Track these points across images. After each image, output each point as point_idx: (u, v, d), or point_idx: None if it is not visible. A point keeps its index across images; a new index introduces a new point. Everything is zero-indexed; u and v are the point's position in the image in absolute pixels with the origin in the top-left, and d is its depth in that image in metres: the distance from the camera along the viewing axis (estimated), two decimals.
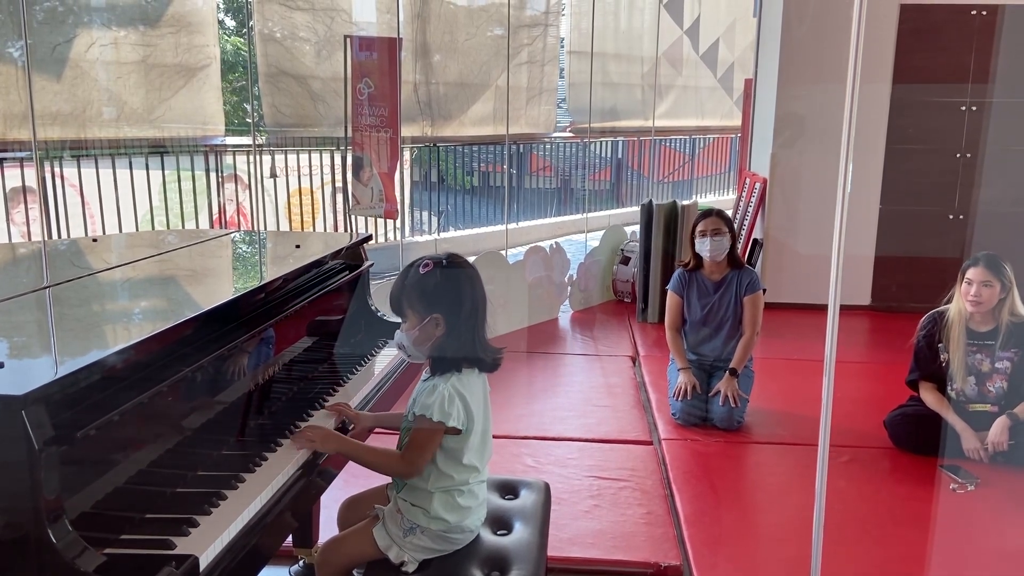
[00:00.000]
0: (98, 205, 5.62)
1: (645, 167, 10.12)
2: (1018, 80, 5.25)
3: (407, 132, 6.66)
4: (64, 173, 5.46)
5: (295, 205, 7.06)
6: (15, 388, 1.16)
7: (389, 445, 1.93)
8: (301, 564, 2.45)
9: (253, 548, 1.44)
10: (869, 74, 5.17)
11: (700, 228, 3.64)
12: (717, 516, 2.84)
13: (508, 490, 2.15)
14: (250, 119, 6.79)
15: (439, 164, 8.28)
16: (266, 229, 6.46)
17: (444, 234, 8.09)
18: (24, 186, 5.27)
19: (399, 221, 6.58)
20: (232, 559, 1.38)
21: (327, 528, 2.35)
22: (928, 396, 3.31)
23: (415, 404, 1.83)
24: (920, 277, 5.43)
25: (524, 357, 4.68)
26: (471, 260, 1.91)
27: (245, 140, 6.67)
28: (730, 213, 3.92)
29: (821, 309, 2.18)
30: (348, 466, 1.97)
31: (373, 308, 2.55)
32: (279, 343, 1.96)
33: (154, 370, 1.45)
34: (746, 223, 5.79)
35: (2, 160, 5.12)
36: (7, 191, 5.23)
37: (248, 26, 6.96)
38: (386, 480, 1.99)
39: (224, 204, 6.51)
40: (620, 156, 10.36)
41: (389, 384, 2.24)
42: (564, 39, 8.70)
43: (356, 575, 1.94)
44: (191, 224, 6.30)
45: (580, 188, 9.65)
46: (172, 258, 2.29)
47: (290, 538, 2.46)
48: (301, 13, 6.20)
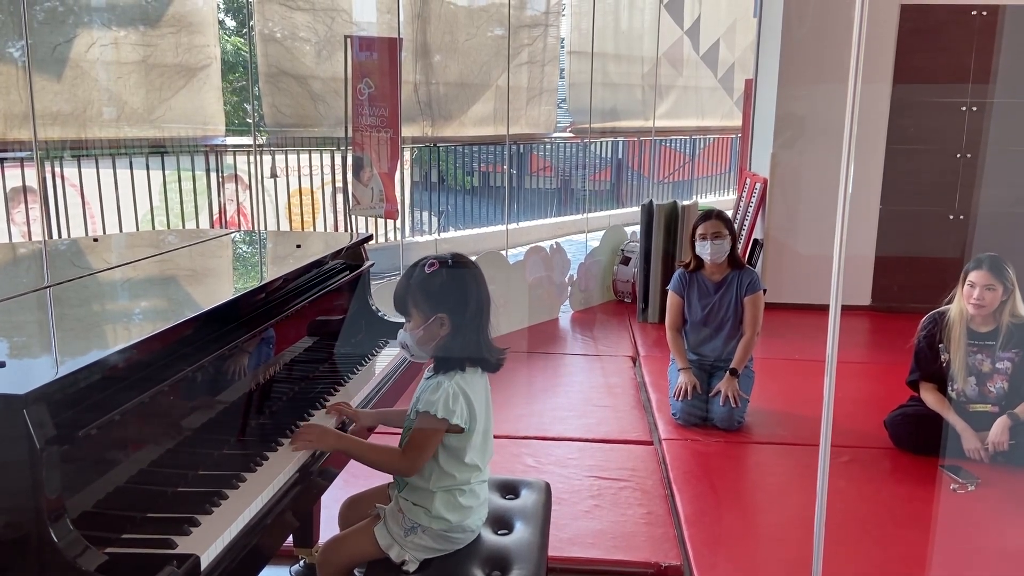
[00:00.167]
0: (98, 205, 5.62)
1: (645, 167, 10.13)
2: (1019, 80, 5.25)
3: (407, 132, 6.66)
4: (64, 173, 5.46)
5: (295, 205, 7.06)
6: (17, 387, 1.16)
7: (390, 444, 1.93)
8: (302, 564, 2.45)
9: (254, 547, 1.44)
10: (869, 74, 5.17)
11: (700, 231, 3.64)
12: (717, 516, 2.84)
13: (509, 490, 2.15)
14: (250, 119, 6.79)
15: (439, 164, 8.28)
16: (266, 229, 6.46)
17: (444, 234, 8.09)
18: (24, 186, 5.27)
19: (399, 221, 6.57)
20: (233, 558, 1.38)
21: (328, 527, 2.35)
22: (928, 396, 3.31)
23: (418, 401, 1.82)
24: (920, 277, 5.43)
25: (524, 357, 4.68)
26: (474, 261, 1.90)
27: (245, 140, 6.67)
28: (730, 213, 3.92)
29: (821, 309, 2.18)
30: (349, 466, 1.97)
31: (374, 308, 2.56)
32: (280, 343, 1.95)
33: (155, 370, 1.45)
34: (746, 223, 5.79)
35: (3, 160, 5.12)
36: (7, 191, 5.24)
37: (248, 26, 6.96)
38: (387, 480, 1.99)
39: (224, 204, 6.51)
40: (620, 156, 10.36)
41: (390, 384, 2.25)
42: (564, 39, 8.70)
43: (357, 574, 1.94)
44: (191, 224, 6.30)
45: (580, 188, 9.65)
46: (172, 258, 2.30)
47: (291, 538, 2.46)
48: (301, 13, 6.20)
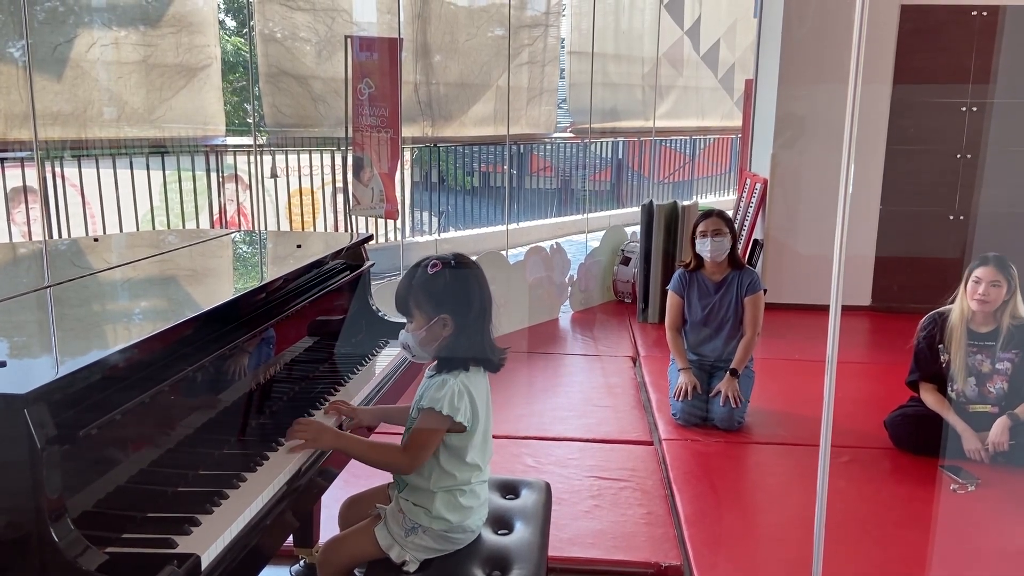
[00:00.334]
0: (99, 205, 5.62)
1: (645, 168, 10.13)
2: (1019, 81, 5.25)
3: (407, 132, 6.66)
4: (65, 173, 5.46)
5: (295, 205, 7.06)
6: (17, 387, 1.16)
7: (389, 442, 1.93)
8: (302, 563, 2.46)
9: (254, 547, 1.44)
10: (870, 74, 5.17)
11: (701, 229, 3.64)
12: (717, 516, 2.84)
13: (509, 490, 2.15)
14: (251, 119, 6.80)
15: (439, 164, 8.28)
16: (266, 229, 6.46)
17: (445, 234, 8.09)
18: (25, 186, 5.27)
19: (399, 221, 6.57)
20: (233, 558, 1.38)
21: (328, 527, 2.35)
22: (928, 397, 3.31)
23: (422, 399, 1.82)
24: (920, 278, 5.43)
25: (525, 357, 4.68)
26: (475, 261, 1.90)
27: (246, 140, 6.68)
28: (730, 214, 3.92)
29: (821, 310, 2.18)
30: (349, 466, 1.96)
31: (374, 308, 2.56)
32: (280, 343, 1.96)
33: (155, 370, 1.45)
34: (746, 224, 5.79)
35: (3, 160, 5.12)
36: (8, 191, 5.24)
37: (249, 26, 6.96)
38: (387, 480, 1.99)
39: (225, 204, 6.51)
40: (620, 157, 10.36)
41: (390, 384, 2.25)
42: (564, 39, 8.70)
43: (357, 574, 1.94)
44: (191, 224, 6.30)
45: (580, 189, 9.65)
46: (173, 258, 2.30)
47: (291, 537, 2.46)
48: (302, 13, 6.20)
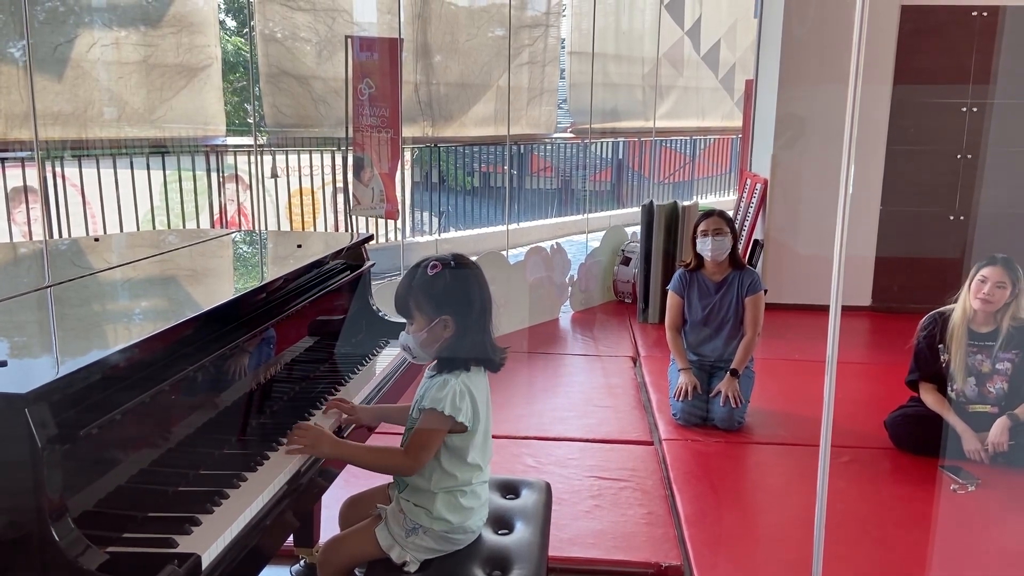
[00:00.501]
0: (99, 205, 5.63)
1: (646, 168, 10.13)
2: (1019, 81, 5.25)
3: (408, 132, 6.66)
4: (65, 173, 5.46)
5: (296, 205, 7.06)
6: (18, 387, 1.16)
7: (391, 444, 1.93)
8: (302, 563, 2.46)
9: (255, 547, 1.44)
10: (870, 75, 5.16)
11: (701, 228, 3.65)
12: (718, 516, 2.84)
13: (509, 490, 2.15)
14: (251, 119, 6.80)
15: (440, 164, 8.29)
16: (267, 229, 6.46)
17: (445, 235, 8.09)
18: (25, 186, 5.28)
19: (400, 221, 6.57)
20: (234, 558, 1.38)
21: (328, 527, 2.35)
22: (928, 397, 3.31)
23: (423, 399, 1.81)
24: (921, 278, 5.43)
25: (525, 357, 4.68)
26: (474, 261, 1.90)
27: (246, 140, 6.68)
28: (731, 214, 3.92)
29: (821, 310, 2.18)
30: (349, 466, 1.96)
31: (374, 308, 2.56)
32: (280, 343, 1.96)
33: (156, 369, 1.46)
34: (747, 224, 5.79)
35: (4, 160, 5.12)
36: (8, 191, 5.24)
37: (249, 26, 6.96)
38: (388, 480, 1.99)
39: (225, 204, 6.52)
40: (621, 157, 10.37)
41: (390, 384, 2.25)
42: (565, 40, 8.70)
43: (358, 574, 1.94)
44: (192, 224, 6.30)
45: (581, 189, 9.65)
46: (173, 258, 2.30)
47: (291, 537, 2.46)
48: (302, 13, 6.20)
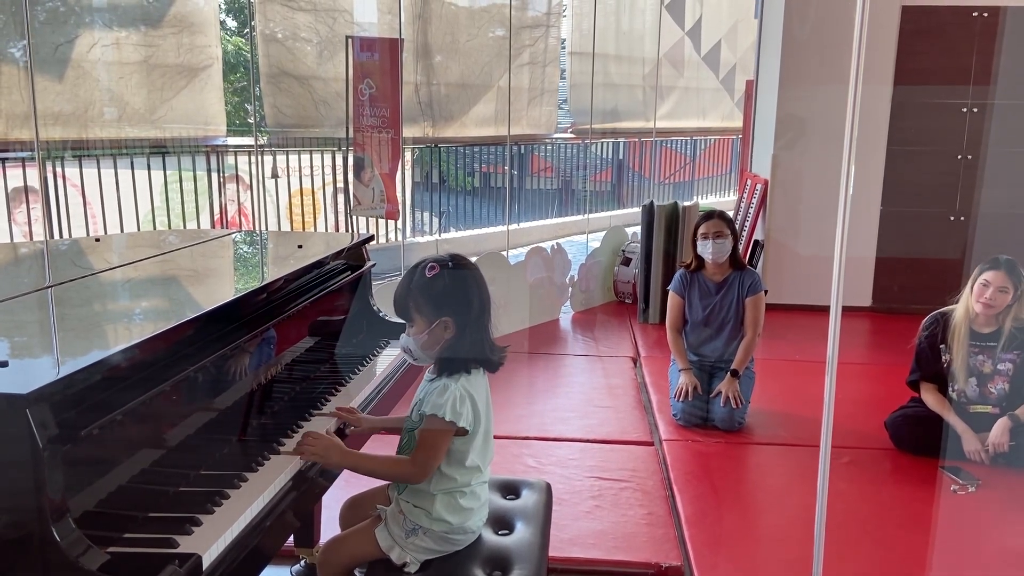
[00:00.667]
0: (100, 205, 5.63)
1: (646, 168, 10.13)
2: (1020, 82, 5.25)
3: (408, 133, 6.66)
4: (66, 173, 5.46)
5: (296, 206, 7.07)
6: (19, 387, 1.16)
7: (390, 447, 1.93)
8: (302, 564, 2.46)
9: (255, 547, 1.44)
10: (870, 75, 5.16)
11: (702, 231, 3.64)
12: (718, 517, 2.84)
13: (510, 490, 2.15)
14: (251, 119, 6.80)
15: (440, 165, 8.29)
16: (267, 229, 6.46)
17: (445, 235, 8.09)
18: (26, 186, 5.28)
19: (400, 222, 6.57)
20: (234, 558, 1.38)
21: (329, 528, 2.35)
22: (929, 397, 3.31)
23: (423, 404, 1.80)
24: (921, 278, 5.44)
25: (525, 358, 4.68)
26: (472, 261, 1.90)
27: (246, 140, 6.68)
28: (731, 214, 3.92)
29: (822, 310, 2.18)
30: None
31: (375, 308, 2.55)
32: (281, 343, 1.96)
33: (157, 370, 1.46)
34: (747, 224, 5.79)
35: (4, 160, 5.13)
36: (9, 191, 5.24)
37: (250, 27, 6.96)
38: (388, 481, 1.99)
39: (225, 204, 6.52)
40: (621, 157, 10.37)
41: (391, 385, 2.25)
42: (565, 40, 8.70)
43: (358, 575, 1.94)
44: (192, 224, 6.30)
45: (581, 189, 9.65)
46: (174, 258, 2.30)
47: (291, 537, 2.46)
48: (303, 14, 6.20)
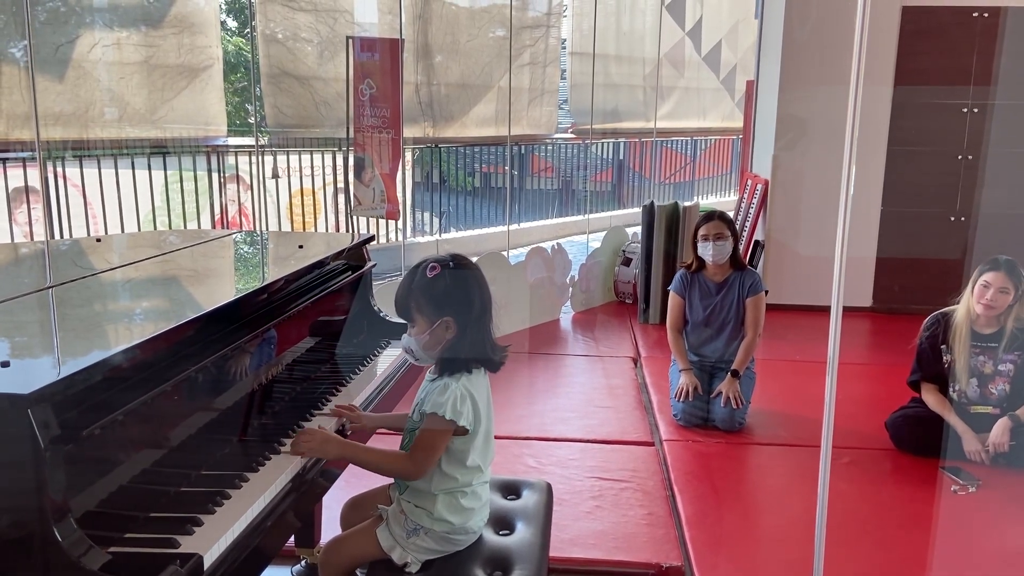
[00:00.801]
0: (100, 205, 5.63)
1: (647, 168, 10.13)
2: (1020, 82, 5.25)
3: (409, 133, 6.66)
4: (67, 173, 5.47)
5: (297, 206, 7.07)
6: (21, 387, 1.16)
7: (392, 446, 1.93)
8: (303, 564, 2.46)
9: (256, 547, 1.44)
10: (871, 76, 5.14)
11: (703, 232, 3.64)
12: (718, 517, 2.84)
13: (510, 490, 2.15)
14: (252, 120, 6.80)
15: (441, 165, 8.30)
16: (268, 230, 6.46)
17: (446, 235, 8.10)
18: (27, 186, 5.28)
19: (401, 222, 6.58)
20: (236, 558, 1.38)
21: (329, 528, 2.35)
22: (929, 397, 3.31)
23: (424, 403, 1.81)
24: (921, 279, 5.43)
25: (526, 358, 4.68)
26: (473, 261, 1.90)
27: (247, 141, 6.69)
28: (731, 215, 3.91)
29: (822, 311, 2.18)
30: (350, 467, 1.96)
31: (375, 309, 2.56)
32: (281, 344, 1.96)
33: (158, 370, 1.46)
34: (747, 225, 5.79)
35: (5, 160, 5.13)
36: (10, 191, 5.25)
37: (250, 27, 6.97)
38: (389, 481, 1.99)
39: (226, 205, 6.52)
40: (622, 157, 10.37)
41: (392, 384, 2.25)
42: (566, 40, 8.71)
43: (359, 575, 1.94)
44: (193, 224, 6.31)
45: (581, 189, 9.65)
46: (174, 258, 2.30)
47: (292, 538, 2.46)
48: (303, 14, 6.21)
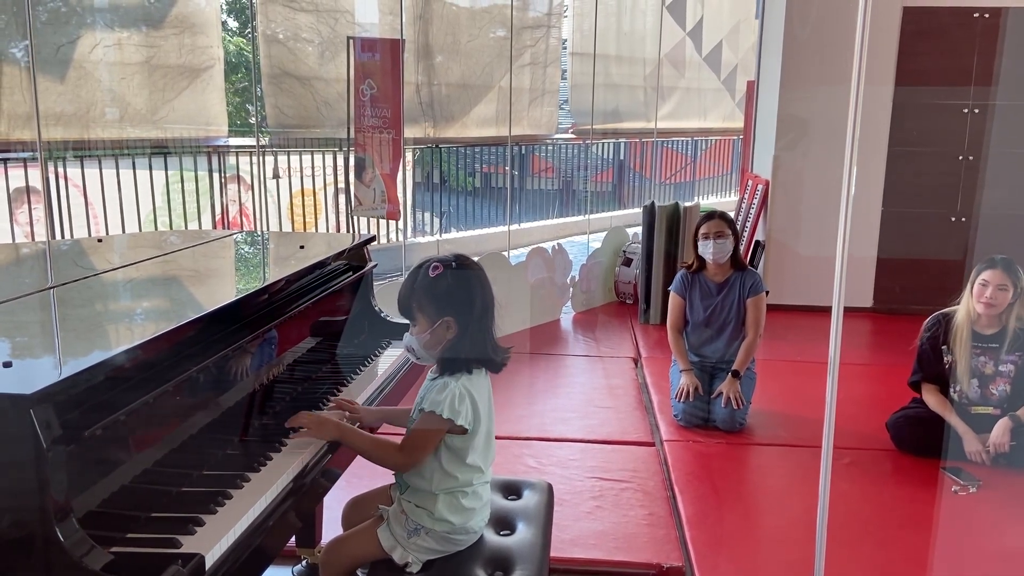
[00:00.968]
0: (101, 205, 5.64)
1: (647, 169, 10.13)
2: (1021, 82, 5.25)
3: (409, 133, 6.66)
4: (68, 173, 5.47)
5: (297, 206, 7.07)
6: (23, 387, 1.17)
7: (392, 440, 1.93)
8: (304, 564, 2.46)
9: (258, 547, 1.45)
10: (871, 76, 5.13)
11: (703, 231, 3.64)
12: (719, 517, 2.84)
13: (511, 491, 2.16)
14: (253, 120, 6.81)
15: (441, 165, 8.30)
16: (268, 230, 6.46)
17: (446, 235, 8.10)
18: (28, 186, 5.29)
19: (401, 222, 6.58)
20: (237, 558, 1.38)
21: (330, 528, 2.35)
22: (930, 398, 3.31)
23: (423, 400, 1.82)
24: (922, 279, 5.43)
25: (526, 358, 4.68)
26: (476, 261, 1.90)
27: (248, 141, 6.69)
28: (732, 215, 3.92)
29: (823, 311, 2.18)
30: (352, 467, 1.97)
31: (376, 309, 2.56)
32: (283, 344, 1.96)
33: (160, 370, 1.46)
34: (748, 225, 5.79)
35: (6, 160, 5.13)
36: (11, 191, 5.25)
37: (251, 27, 6.97)
38: (390, 481, 2.00)
39: (227, 205, 6.53)
40: (622, 158, 10.37)
41: (392, 384, 2.25)
42: (566, 40, 8.71)
43: (360, 575, 1.94)
44: (194, 225, 6.31)
45: (582, 189, 9.65)
46: (176, 259, 2.30)
47: (293, 538, 2.46)
48: (304, 14, 6.21)
